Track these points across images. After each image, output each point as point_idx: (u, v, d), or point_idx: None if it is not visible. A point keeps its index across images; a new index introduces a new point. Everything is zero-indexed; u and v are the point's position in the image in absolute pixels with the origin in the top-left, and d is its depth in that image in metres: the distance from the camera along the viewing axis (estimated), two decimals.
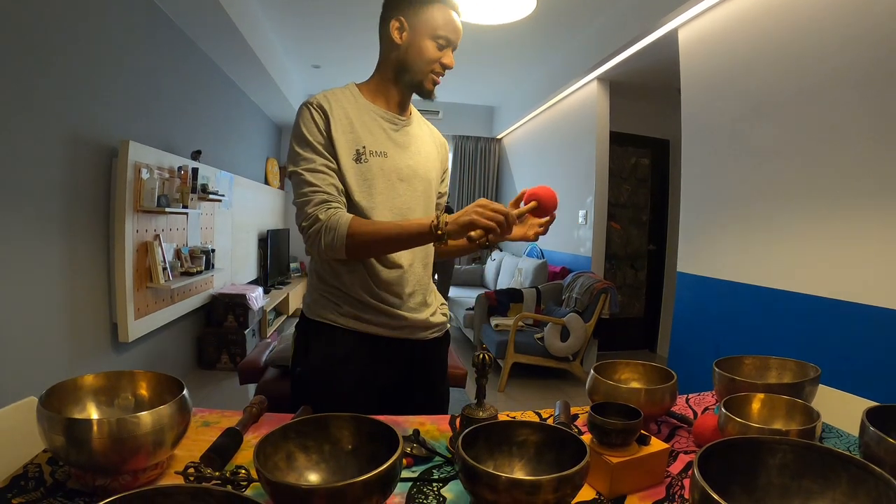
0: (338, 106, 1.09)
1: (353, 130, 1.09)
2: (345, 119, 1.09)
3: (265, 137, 5.97)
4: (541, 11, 3.25)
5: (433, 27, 1.07)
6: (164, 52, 3.10)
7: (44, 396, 0.69)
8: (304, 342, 1.16)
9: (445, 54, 1.10)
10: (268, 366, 2.38)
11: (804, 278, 2.03)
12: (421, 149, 1.19)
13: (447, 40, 1.09)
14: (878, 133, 1.75)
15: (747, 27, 2.39)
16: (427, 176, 1.18)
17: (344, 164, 1.06)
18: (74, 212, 2.32)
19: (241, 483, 0.68)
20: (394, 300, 1.11)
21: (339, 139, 1.07)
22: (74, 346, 2.35)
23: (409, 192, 1.13)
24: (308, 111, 1.07)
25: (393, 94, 1.15)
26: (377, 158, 1.10)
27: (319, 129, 1.06)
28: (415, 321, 1.13)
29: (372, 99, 1.14)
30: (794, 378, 1.04)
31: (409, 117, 1.19)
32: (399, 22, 1.08)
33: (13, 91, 1.91)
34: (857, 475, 0.58)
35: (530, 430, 0.73)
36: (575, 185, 4.43)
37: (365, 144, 1.09)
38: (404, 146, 1.15)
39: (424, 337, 1.17)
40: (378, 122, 1.13)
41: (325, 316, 1.11)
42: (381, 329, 1.11)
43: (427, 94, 1.14)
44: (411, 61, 1.09)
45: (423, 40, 1.08)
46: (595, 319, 3.62)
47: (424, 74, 1.10)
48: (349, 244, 0.99)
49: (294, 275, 6.43)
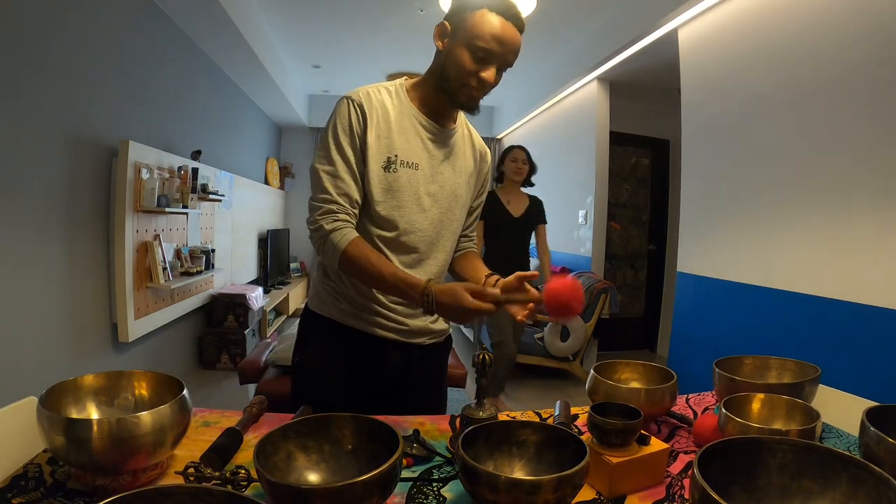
0: (379, 106, 1.04)
1: (388, 136, 1.04)
2: (383, 122, 1.04)
3: (265, 137, 5.97)
4: (541, 11, 3.25)
5: (473, 36, 0.97)
6: (163, 52, 3.10)
7: (44, 396, 0.69)
8: (304, 333, 1.17)
9: (485, 69, 1.00)
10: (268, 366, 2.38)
11: (804, 278, 2.03)
12: (457, 163, 1.13)
13: (487, 53, 0.98)
14: (878, 133, 1.75)
15: (747, 27, 2.39)
16: (455, 192, 1.13)
17: (372, 169, 1.03)
18: (74, 212, 2.32)
19: (241, 483, 0.68)
20: (394, 305, 1.10)
21: (372, 143, 1.02)
22: (74, 346, 2.35)
23: (432, 209, 1.09)
24: (347, 107, 1.03)
25: (435, 101, 1.08)
26: (407, 170, 1.05)
27: (353, 129, 1.02)
28: (414, 326, 1.13)
29: (417, 102, 1.09)
30: (794, 378, 1.04)
31: (453, 127, 1.13)
32: (443, 26, 1.02)
33: (13, 91, 1.91)
34: (857, 475, 0.58)
35: (530, 430, 0.73)
36: (575, 185, 4.43)
37: (397, 153, 1.04)
38: (439, 159, 1.10)
39: (422, 342, 1.15)
40: (416, 129, 1.08)
41: (326, 311, 1.11)
42: (380, 330, 1.10)
43: (463, 108, 1.06)
44: (447, 70, 1.02)
45: (461, 50, 0.99)
46: (595, 319, 3.62)
47: (458, 86, 1.02)
48: (342, 265, 1.00)
49: (294, 275, 6.43)
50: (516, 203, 3.12)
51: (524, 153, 3.11)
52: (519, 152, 3.11)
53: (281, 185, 6.49)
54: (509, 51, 0.99)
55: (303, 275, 6.65)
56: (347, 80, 5.60)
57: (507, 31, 0.98)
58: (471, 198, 1.21)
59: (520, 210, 3.11)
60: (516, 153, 3.11)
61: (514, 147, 3.16)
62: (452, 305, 0.91)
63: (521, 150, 3.13)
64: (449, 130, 1.12)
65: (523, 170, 3.09)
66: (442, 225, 1.11)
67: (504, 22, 0.97)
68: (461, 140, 1.16)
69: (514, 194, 3.14)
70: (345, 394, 1.09)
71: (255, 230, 5.24)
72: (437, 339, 1.19)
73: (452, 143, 1.13)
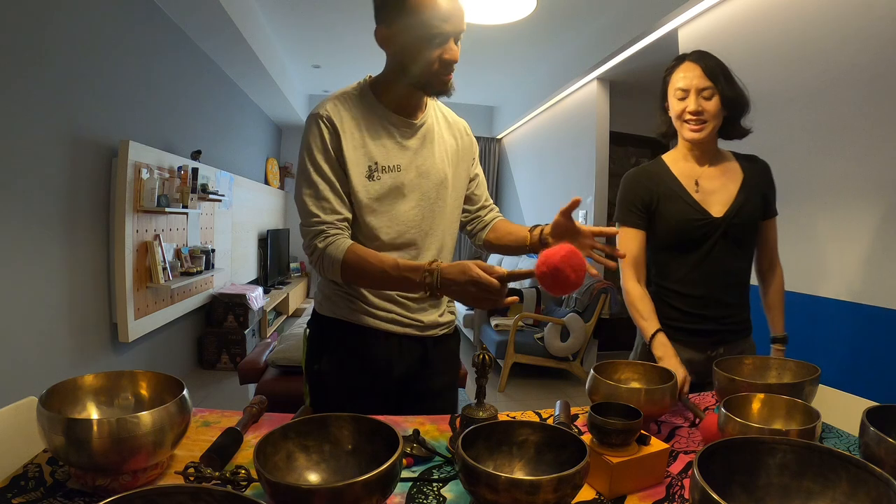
0: (348, 116, 1.03)
1: (364, 145, 1.03)
2: (356, 132, 1.03)
3: (265, 137, 5.97)
4: (541, 11, 3.24)
5: (418, 25, 0.94)
6: (164, 53, 3.10)
7: (44, 396, 0.69)
8: (318, 340, 1.15)
9: (445, 49, 0.96)
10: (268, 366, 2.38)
11: (804, 278, 2.03)
12: (436, 148, 1.12)
13: (442, 34, 0.94)
14: (878, 133, 1.75)
15: (747, 27, 2.39)
16: (441, 178, 1.11)
17: (355, 181, 1.02)
18: (74, 212, 2.32)
19: (241, 483, 0.68)
20: (404, 301, 1.11)
21: (350, 156, 1.01)
22: (74, 346, 2.35)
23: (421, 203, 1.08)
24: (317, 126, 1.01)
25: (403, 95, 1.06)
26: (390, 174, 1.04)
27: (328, 145, 1.01)
28: (427, 321, 1.14)
29: (383, 97, 1.07)
30: (794, 378, 1.04)
31: (423, 114, 1.11)
32: (381, 32, 1.01)
33: (13, 91, 1.91)
34: (857, 475, 0.58)
35: (530, 430, 0.73)
36: (575, 185, 4.43)
37: (377, 160, 1.03)
38: (418, 152, 1.09)
39: (434, 334, 1.17)
40: (388, 130, 1.06)
41: (338, 313, 1.11)
42: (396, 326, 1.11)
43: (439, 95, 1.04)
44: (408, 67, 0.99)
45: (412, 43, 0.96)
46: (595, 319, 3.62)
47: (427, 78, 0.99)
48: (343, 276, 1.00)
49: (294, 275, 6.43)
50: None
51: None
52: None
53: (281, 185, 6.49)
54: (458, 19, 0.96)
55: (303, 275, 6.65)
56: (347, 80, 5.47)
57: (445, 3, 0.94)
58: (463, 174, 1.19)
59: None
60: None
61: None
62: (459, 280, 0.89)
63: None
64: (420, 120, 1.10)
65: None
66: (433, 215, 1.11)
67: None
68: (435, 123, 1.14)
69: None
70: (369, 391, 1.10)
71: (255, 230, 5.24)
72: (447, 330, 1.20)
73: (427, 130, 1.11)
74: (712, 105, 1.23)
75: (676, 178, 1.31)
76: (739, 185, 1.30)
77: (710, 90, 1.23)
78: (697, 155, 1.32)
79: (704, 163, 1.32)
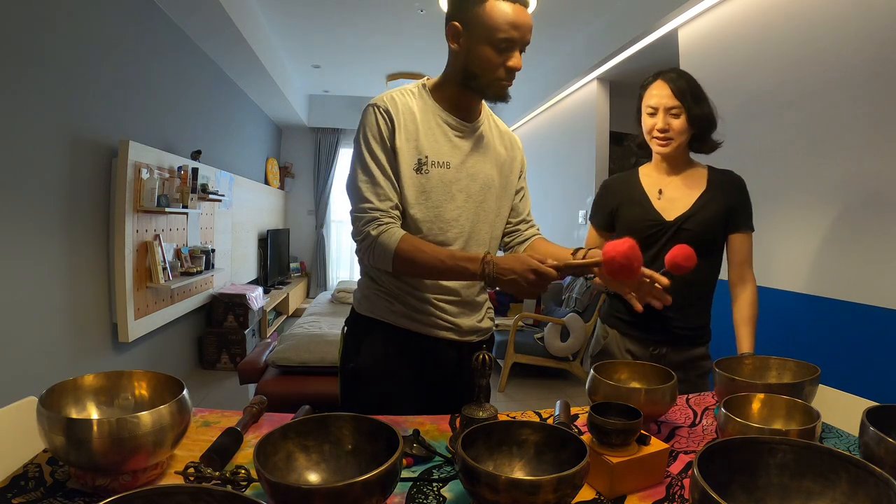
0: (405, 108, 1.05)
1: (416, 138, 1.05)
2: (410, 125, 1.05)
3: (265, 137, 5.97)
4: (541, 11, 3.25)
5: (490, 29, 0.97)
6: (164, 52, 3.10)
7: (44, 396, 0.69)
8: (355, 338, 1.15)
9: (510, 56, 1.00)
10: (268, 366, 2.38)
11: (804, 278, 2.03)
12: (487, 154, 1.14)
13: (508, 42, 0.98)
14: (878, 133, 1.75)
15: (747, 27, 2.39)
16: (488, 182, 1.13)
17: (404, 173, 1.04)
18: (74, 212, 2.32)
19: (241, 483, 0.68)
20: (446, 305, 1.11)
21: (401, 147, 1.03)
22: (74, 346, 2.35)
23: (466, 203, 1.10)
24: (374, 115, 1.04)
25: (461, 98, 1.09)
26: (438, 169, 1.06)
27: (383, 135, 1.03)
28: (465, 326, 1.14)
29: (441, 100, 1.09)
30: (794, 378, 1.04)
31: (479, 120, 1.13)
32: (454, 27, 1.02)
33: (13, 91, 1.91)
34: (857, 475, 0.58)
35: (530, 430, 0.73)
36: (575, 185, 4.43)
37: (427, 154, 1.05)
38: (469, 154, 1.10)
39: (472, 340, 1.17)
40: (443, 128, 1.08)
41: (377, 313, 1.12)
42: (436, 330, 1.11)
43: (496, 100, 1.06)
44: (472, 68, 1.02)
45: (481, 46, 0.99)
46: (595, 319, 3.62)
47: (488, 82, 1.02)
48: (395, 265, 1.00)
49: (294, 275, 6.44)
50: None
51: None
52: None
53: (281, 185, 6.49)
54: (526, 31, 1.00)
55: (302, 275, 6.65)
56: (347, 80, 5.61)
57: (519, 13, 0.98)
58: (509, 184, 1.20)
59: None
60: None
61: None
62: (517, 269, 0.92)
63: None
64: (475, 124, 1.13)
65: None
66: (477, 218, 1.12)
67: (513, 6, 0.98)
68: (488, 131, 1.17)
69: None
70: (403, 393, 1.10)
71: (255, 230, 5.24)
72: (484, 336, 1.21)
73: (479, 135, 1.14)
74: (679, 123, 1.32)
75: (642, 186, 1.43)
76: (700, 194, 1.37)
77: (678, 109, 1.31)
78: (666, 167, 1.43)
79: (672, 173, 1.42)
